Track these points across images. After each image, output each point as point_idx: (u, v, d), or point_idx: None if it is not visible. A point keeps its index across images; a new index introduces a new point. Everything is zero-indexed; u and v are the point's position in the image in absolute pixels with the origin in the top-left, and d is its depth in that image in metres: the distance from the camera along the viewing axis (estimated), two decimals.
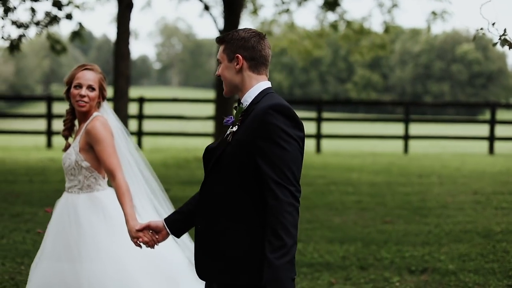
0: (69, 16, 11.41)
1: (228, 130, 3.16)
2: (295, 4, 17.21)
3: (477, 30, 4.80)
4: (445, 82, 68.41)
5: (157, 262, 4.03)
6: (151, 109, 23.04)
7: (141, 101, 18.08)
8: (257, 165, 2.96)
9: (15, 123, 30.21)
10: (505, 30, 4.73)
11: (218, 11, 18.22)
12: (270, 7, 35.68)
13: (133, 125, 17.37)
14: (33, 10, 11.21)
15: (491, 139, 18.53)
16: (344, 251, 7.12)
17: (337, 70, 72.43)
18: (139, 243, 3.53)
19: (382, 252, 7.08)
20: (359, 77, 70.79)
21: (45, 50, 54.62)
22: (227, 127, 3.21)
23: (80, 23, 12.01)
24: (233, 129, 3.09)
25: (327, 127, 23.44)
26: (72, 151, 4.10)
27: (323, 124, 18.78)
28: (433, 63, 69.09)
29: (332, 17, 17.34)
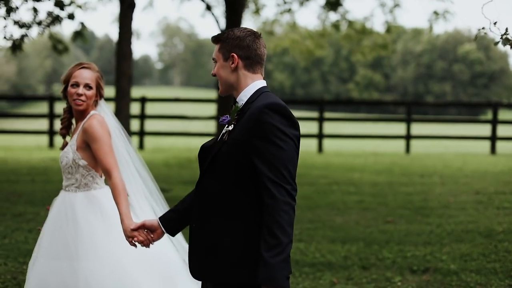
0: (71, 16, 11.41)
1: (223, 129, 3.16)
2: (297, 4, 17.20)
3: (479, 29, 4.80)
4: (447, 82, 68.37)
5: (155, 260, 4.02)
6: (153, 109, 23.04)
7: (143, 101, 18.09)
8: (253, 164, 2.96)
9: (17, 123, 30.25)
10: (506, 29, 4.73)
11: (220, 11, 18.23)
12: (272, 7, 35.70)
13: (135, 125, 17.37)
14: (35, 10, 11.22)
15: (493, 139, 18.52)
16: (346, 251, 7.12)
17: (339, 70, 72.42)
18: (134, 242, 3.53)
19: (384, 252, 7.08)
20: (361, 77, 70.77)
21: (47, 50, 54.62)
22: None
23: (82, 23, 12.02)
24: (229, 128, 3.09)
25: (329, 127, 23.42)
26: (69, 149, 4.09)
27: (325, 124, 18.78)
28: (435, 63, 69.05)
29: (334, 17, 17.34)
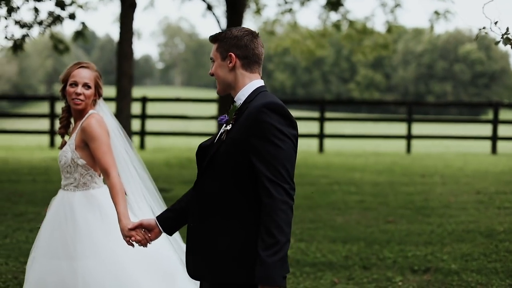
0: (72, 16, 11.42)
1: (222, 128, 3.16)
2: (298, 4, 17.21)
3: (480, 29, 4.79)
4: (448, 82, 68.37)
5: (154, 258, 4.01)
6: (154, 108, 23.05)
7: (144, 100, 18.09)
8: (251, 163, 2.96)
9: (18, 123, 30.27)
10: (507, 29, 4.72)
11: (221, 11, 18.25)
12: (273, 7, 35.73)
13: (136, 125, 17.37)
14: (36, 10, 11.22)
15: (494, 138, 18.51)
16: (346, 251, 7.13)
17: (340, 70, 72.44)
18: (131, 242, 3.53)
19: (384, 251, 7.08)
20: (361, 77, 70.78)
21: (48, 50, 54.62)
22: None
23: (83, 22, 12.02)
24: (227, 127, 3.09)
25: (329, 127, 23.43)
26: (68, 148, 4.09)
27: (325, 123, 18.77)
28: (435, 63, 69.05)
29: (335, 17, 17.35)
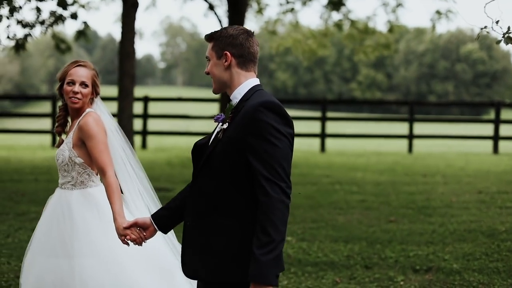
0: (74, 15, 11.44)
1: (218, 127, 3.16)
2: (299, 3, 17.22)
3: (481, 28, 4.80)
4: (450, 81, 68.34)
5: (152, 255, 4.00)
6: (155, 108, 23.08)
7: (146, 100, 18.10)
8: (248, 162, 2.96)
9: (20, 122, 30.28)
10: (509, 28, 4.72)
11: (222, 10, 18.28)
12: (274, 7, 35.80)
13: (137, 124, 17.38)
14: (38, 9, 11.25)
15: (496, 138, 18.51)
16: (348, 250, 7.13)
17: (342, 69, 72.42)
18: (126, 240, 3.54)
19: (386, 251, 7.08)
20: (363, 76, 70.76)
21: (50, 49, 54.70)
22: None
23: (85, 22, 12.05)
24: (224, 126, 3.09)
25: (331, 127, 23.42)
26: (65, 147, 4.09)
27: (327, 123, 18.77)
28: (437, 62, 69.02)
29: (336, 17, 17.37)
